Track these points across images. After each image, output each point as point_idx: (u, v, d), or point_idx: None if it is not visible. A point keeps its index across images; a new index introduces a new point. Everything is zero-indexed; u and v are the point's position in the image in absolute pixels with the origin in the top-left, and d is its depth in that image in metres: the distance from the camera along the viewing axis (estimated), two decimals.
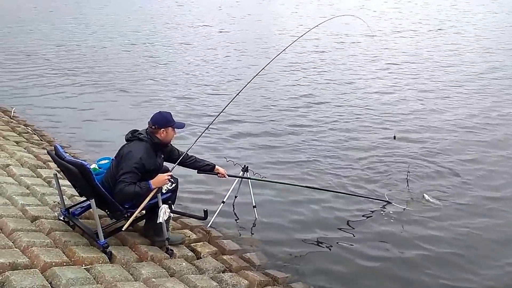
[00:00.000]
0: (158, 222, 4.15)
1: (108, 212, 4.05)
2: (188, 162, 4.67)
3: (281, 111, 9.63)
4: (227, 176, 4.93)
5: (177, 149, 4.60)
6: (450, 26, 20.43)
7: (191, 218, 5.04)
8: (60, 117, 9.10)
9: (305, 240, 5.18)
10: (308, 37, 11.95)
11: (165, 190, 4.14)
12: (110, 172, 4.14)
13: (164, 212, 4.13)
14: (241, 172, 5.47)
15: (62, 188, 5.20)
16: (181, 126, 4.40)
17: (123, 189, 3.82)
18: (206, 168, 4.81)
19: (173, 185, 4.20)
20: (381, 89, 11.40)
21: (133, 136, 4.14)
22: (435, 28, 19.99)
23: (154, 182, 3.99)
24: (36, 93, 10.74)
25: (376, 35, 16.60)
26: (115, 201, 3.93)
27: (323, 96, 10.74)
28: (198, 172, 4.92)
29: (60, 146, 4.05)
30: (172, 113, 4.34)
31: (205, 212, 4.29)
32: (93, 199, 3.74)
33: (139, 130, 4.24)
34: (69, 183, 4.82)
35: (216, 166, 4.84)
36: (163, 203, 4.14)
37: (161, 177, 4.04)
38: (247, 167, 5.49)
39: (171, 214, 4.27)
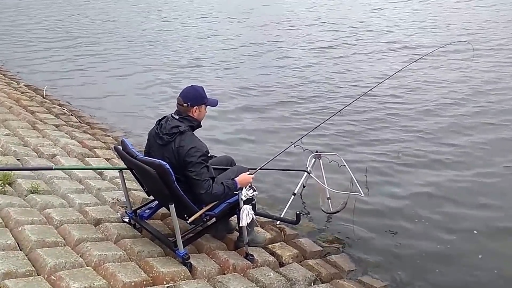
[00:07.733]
0: (240, 226, 3.58)
1: (187, 218, 3.43)
2: None
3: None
4: None
5: None
6: None
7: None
8: (94, 95, 8.51)
9: (393, 237, 4.53)
10: None
11: (245, 197, 3.51)
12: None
13: (246, 214, 3.54)
14: (314, 160, 4.82)
15: (114, 180, 4.67)
16: (215, 103, 3.61)
17: (212, 190, 3.27)
18: None
19: (254, 192, 3.58)
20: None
21: (172, 132, 3.29)
22: None
23: (240, 181, 3.45)
24: (63, 69, 10.15)
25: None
26: (193, 204, 3.33)
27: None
28: None
29: (129, 141, 3.41)
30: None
31: (298, 215, 3.68)
32: (173, 205, 3.14)
33: (167, 119, 3.39)
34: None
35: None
36: (244, 203, 3.55)
37: (247, 176, 3.52)
38: (320, 153, 4.84)
39: (254, 216, 3.67)
